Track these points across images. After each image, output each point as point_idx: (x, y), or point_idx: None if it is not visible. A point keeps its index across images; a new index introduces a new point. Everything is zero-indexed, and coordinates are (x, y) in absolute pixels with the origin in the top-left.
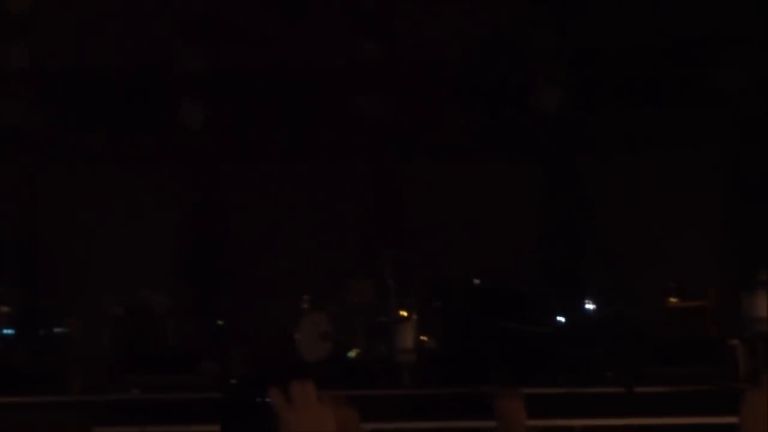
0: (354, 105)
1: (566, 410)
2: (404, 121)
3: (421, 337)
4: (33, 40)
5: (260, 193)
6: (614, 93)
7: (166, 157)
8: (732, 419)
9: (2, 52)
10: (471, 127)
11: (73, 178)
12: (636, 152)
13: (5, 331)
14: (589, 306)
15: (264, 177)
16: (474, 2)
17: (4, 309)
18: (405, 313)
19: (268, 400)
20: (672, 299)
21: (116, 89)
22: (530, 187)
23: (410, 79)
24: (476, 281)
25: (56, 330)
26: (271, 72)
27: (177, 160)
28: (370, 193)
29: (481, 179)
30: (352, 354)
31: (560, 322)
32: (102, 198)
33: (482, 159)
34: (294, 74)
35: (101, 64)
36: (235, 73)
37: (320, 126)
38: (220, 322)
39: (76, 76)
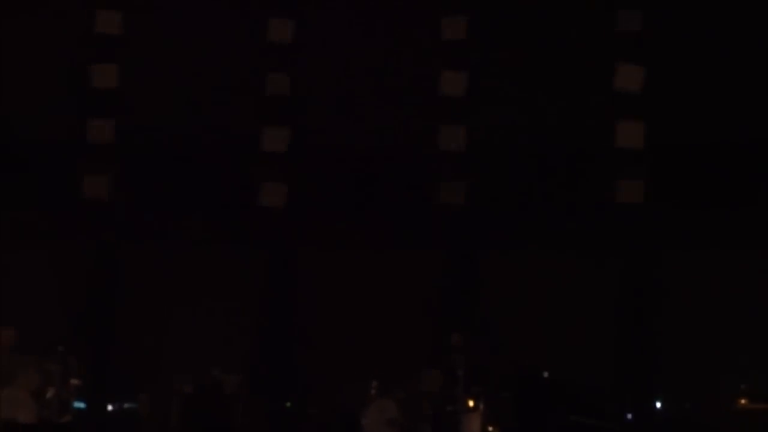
0: (429, 192)
1: None
2: (479, 209)
3: (489, 428)
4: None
5: (334, 278)
6: (690, 190)
7: (245, 237)
8: None
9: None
10: (548, 219)
11: (151, 256)
12: (705, 249)
13: (76, 404)
14: (659, 404)
15: (339, 262)
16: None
17: (75, 382)
18: (472, 403)
19: None
20: (742, 401)
21: (199, 168)
22: (606, 281)
23: (487, 166)
24: (545, 373)
25: (126, 405)
26: (350, 154)
27: (256, 241)
28: (442, 282)
29: (557, 272)
30: None
31: (629, 418)
32: (180, 277)
33: (559, 251)
34: (374, 158)
35: (184, 140)
36: (317, 155)
37: (394, 213)
38: (288, 404)
39: (155, 155)
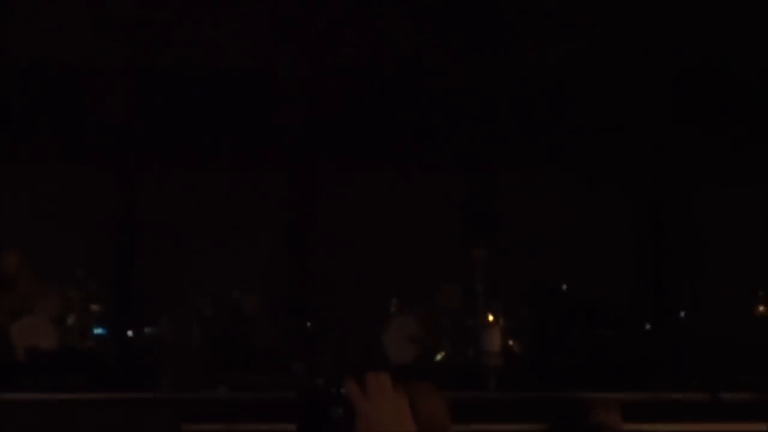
0: (448, 110)
1: (653, 416)
2: (496, 128)
3: (509, 341)
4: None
5: (352, 196)
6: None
7: (263, 160)
8: None
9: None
10: (577, 139)
11: (171, 180)
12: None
13: (97, 330)
14: (678, 313)
15: (357, 180)
16: None
17: (96, 308)
18: (492, 317)
19: (343, 390)
20: (761, 307)
21: (215, 92)
22: (623, 197)
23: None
24: (564, 286)
25: (147, 329)
26: (369, 71)
27: (274, 164)
28: (461, 196)
29: (576, 188)
30: (438, 357)
31: (648, 328)
32: (199, 200)
33: (578, 169)
34: (394, 74)
35: (199, 66)
36: (333, 75)
37: (413, 131)
38: (308, 324)
39: (175, 77)
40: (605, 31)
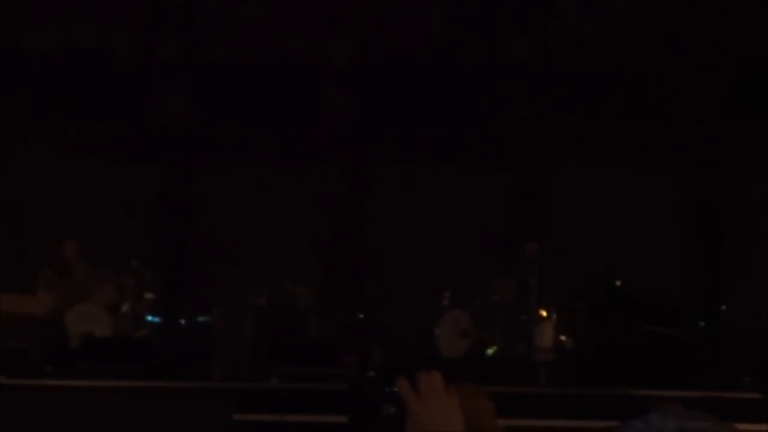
0: (500, 106)
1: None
2: (547, 123)
3: (560, 337)
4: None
5: (407, 192)
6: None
7: (317, 154)
8: None
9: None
10: (624, 132)
11: (226, 174)
12: None
13: (151, 319)
14: (730, 311)
15: (413, 176)
16: None
17: (150, 296)
18: (545, 313)
19: (395, 389)
20: None
21: (267, 86)
22: (677, 191)
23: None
24: (618, 282)
25: (200, 319)
26: (425, 66)
27: (327, 158)
28: (517, 193)
29: (629, 182)
30: (490, 351)
31: (701, 325)
32: (254, 193)
33: (630, 163)
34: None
35: (248, 60)
36: (386, 67)
37: (467, 127)
38: (361, 316)
39: (228, 73)
40: (657, 19)
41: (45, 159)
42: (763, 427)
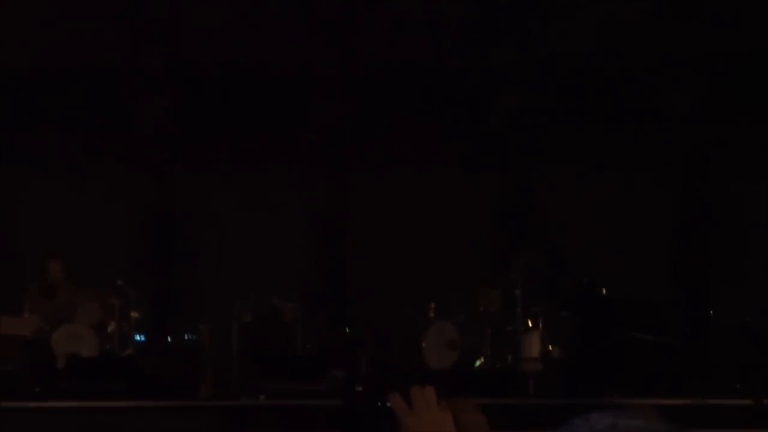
0: (484, 109)
1: (694, 421)
2: (531, 126)
3: (548, 347)
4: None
5: (390, 200)
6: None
7: (299, 161)
8: None
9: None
10: (603, 137)
11: (208, 184)
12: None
13: (137, 337)
14: (718, 317)
15: (393, 183)
16: None
17: (136, 315)
18: (531, 322)
19: (388, 404)
20: None
21: (253, 93)
22: (661, 197)
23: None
24: (604, 290)
25: (186, 336)
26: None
27: (311, 169)
28: (499, 201)
29: (611, 188)
30: (477, 362)
31: (688, 332)
32: (237, 208)
33: (612, 168)
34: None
35: (237, 68)
36: (372, 75)
37: (448, 131)
38: (347, 330)
39: (211, 80)
40: (643, 20)
41: (26, 178)
42: None
